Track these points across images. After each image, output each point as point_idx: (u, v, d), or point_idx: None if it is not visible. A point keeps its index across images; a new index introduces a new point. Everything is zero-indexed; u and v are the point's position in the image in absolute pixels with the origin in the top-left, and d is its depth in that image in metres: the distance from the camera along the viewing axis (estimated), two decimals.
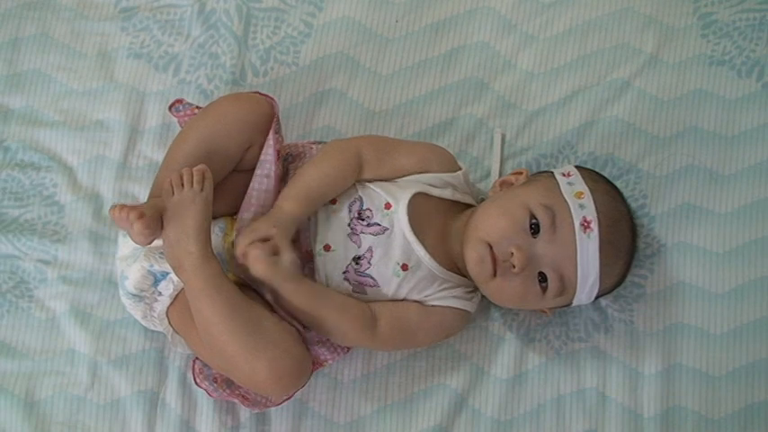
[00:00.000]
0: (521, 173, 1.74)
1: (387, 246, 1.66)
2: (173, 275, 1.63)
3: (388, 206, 1.67)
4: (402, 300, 1.69)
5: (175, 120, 1.80)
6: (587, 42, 1.92)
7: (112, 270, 1.80)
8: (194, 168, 1.58)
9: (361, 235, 1.66)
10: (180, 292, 1.65)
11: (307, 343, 1.65)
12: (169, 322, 1.69)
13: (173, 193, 1.57)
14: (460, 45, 1.92)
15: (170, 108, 1.78)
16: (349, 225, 1.67)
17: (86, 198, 1.83)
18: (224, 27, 1.91)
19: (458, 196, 1.74)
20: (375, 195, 1.69)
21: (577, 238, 1.61)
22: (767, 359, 1.80)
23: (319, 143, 1.80)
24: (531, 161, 1.87)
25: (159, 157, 1.84)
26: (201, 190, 1.57)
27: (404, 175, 1.72)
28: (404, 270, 1.67)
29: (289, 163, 1.74)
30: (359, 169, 1.70)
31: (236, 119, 1.66)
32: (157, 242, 1.61)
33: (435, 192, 1.71)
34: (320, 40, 1.92)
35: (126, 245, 1.69)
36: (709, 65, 1.91)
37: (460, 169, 1.75)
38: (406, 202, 1.66)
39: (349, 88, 1.90)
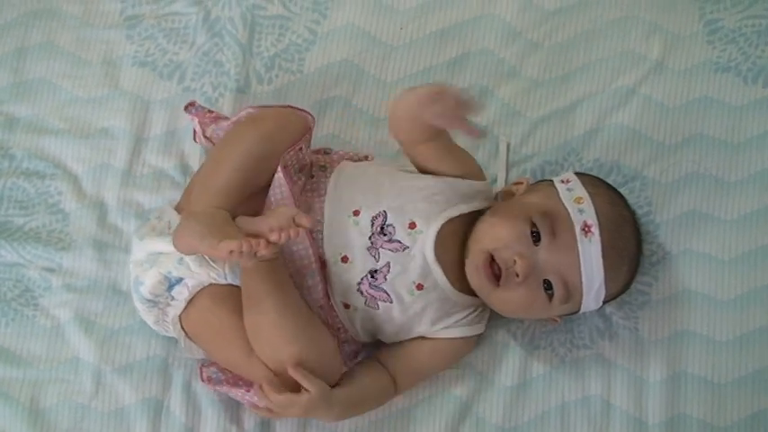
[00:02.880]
0: (521, 182, 1.74)
1: (405, 263, 1.65)
2: (187, 281, 1.64)
3: (412, 226, 1.66)
4: (410, 339, 1.71)
5: (181, 125, 1.83)
6: (592, 49, 1.92)
7: (117, 278, 1.81)
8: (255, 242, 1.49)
9: (381, 249, 1.65)
10: (194, 296, 1.65)
11: None
12: (182, 327, 1.69)
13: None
14: (465, 52, 1.92)
15: (185, 108, 1.78)
16: (369, 239, 1.66)
17: (91, 206, 1.84)
18: (228, 35, 1.91)
19: (484, 204, 1.73)
20: (401, 211, 1.66)
21: (579, 242, 1.61)
22: None
23: (325, 151, 1.80)
24: (535, 168, 1.87)
25: (164, 164, 1.85)
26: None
27: (442, 174, 1.70)
28: (418, 290, 1.66)
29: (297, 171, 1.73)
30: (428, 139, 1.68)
31: (283, 140, 1.65)
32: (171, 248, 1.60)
33: (464, 208, 1.69)
34: (325, 47, 1.92)
35: (140, 249, 1.67)
36: (714, 71, 1.90)
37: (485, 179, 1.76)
38: (437, 229, 1.65)
39: (354, 96, 1.90)
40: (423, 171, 1.72)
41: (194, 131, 1.80)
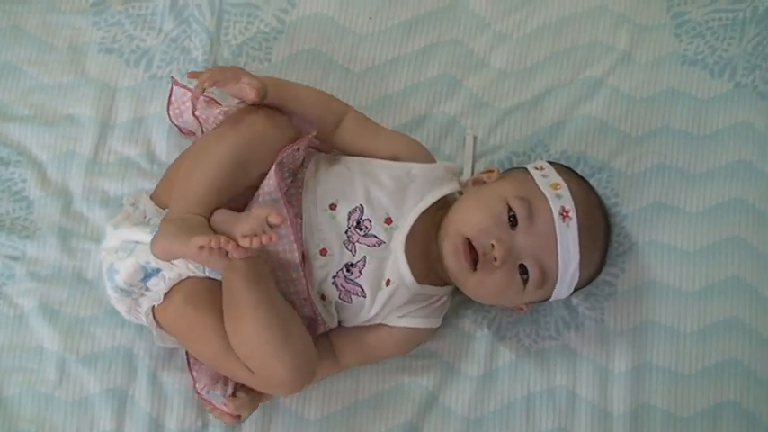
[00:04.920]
0: (492, 171, 1.74)
1: (380, 258, 1.66)
2: (165, 272, 1.62)
3: (388, 221, 1.67)
4: (368, 325, 1.72)
5: (148, 113, 1.84)
6: (560, 40, 1.92)
7: (82, 266, 1.79)
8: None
9: (357, 244, 1.65)
10: (171, 290, 1.63)
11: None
12: (154, 318, 1.67)
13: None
14: (434, 42, 1.91)
15: (175, 82, 1.75)
16: (346, 233, 1.66)
17: (56, 194, 1.82)
18: (196, 22, 1.89)
19: (454, 187, 1.73)
20: (378, 206, 1.67)
21: (557, 227, 1.61)
22: (736, 358, 1.81)
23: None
24: (503, 159, 1.87)
25: (129, 152, 1.83)
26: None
27: (385, 158, 1.72)
28: (386, 285, 1.67)
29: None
30: (337, 121, 1.73)
31: (268, 144, 1.62)
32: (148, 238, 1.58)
33: (436, 195, 1.69)
34: (293, 36, 1.91)
35: (115, 237, 1.65)
36: (681, 64, 1.91)
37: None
38: (411, 224, 1.66)
39: (321, 85, 1.88)
40: (382, 158, 1.73)
41: (168, 104, 1.77)
